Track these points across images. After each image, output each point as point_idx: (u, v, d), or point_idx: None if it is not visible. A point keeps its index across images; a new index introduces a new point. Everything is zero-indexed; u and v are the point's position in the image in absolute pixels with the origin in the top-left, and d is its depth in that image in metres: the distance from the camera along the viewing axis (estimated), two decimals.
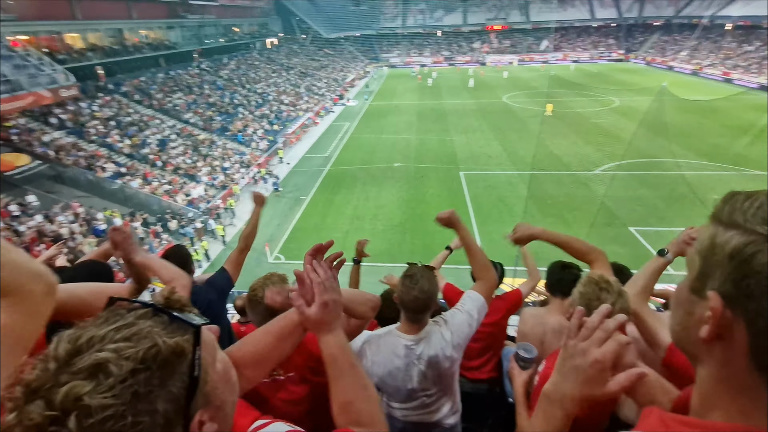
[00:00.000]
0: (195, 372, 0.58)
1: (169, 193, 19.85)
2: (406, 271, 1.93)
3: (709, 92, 35.89)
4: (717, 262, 0.55)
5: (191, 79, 34.70)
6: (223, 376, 0.69)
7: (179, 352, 0.57)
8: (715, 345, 0.56)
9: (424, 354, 1.90)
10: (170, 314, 0.61)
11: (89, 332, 0.54)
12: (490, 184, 21.03)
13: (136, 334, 0.55)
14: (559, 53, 67.06)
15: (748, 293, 0.50)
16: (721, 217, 0.56)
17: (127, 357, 0.52)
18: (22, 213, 14.97)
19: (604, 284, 1.62)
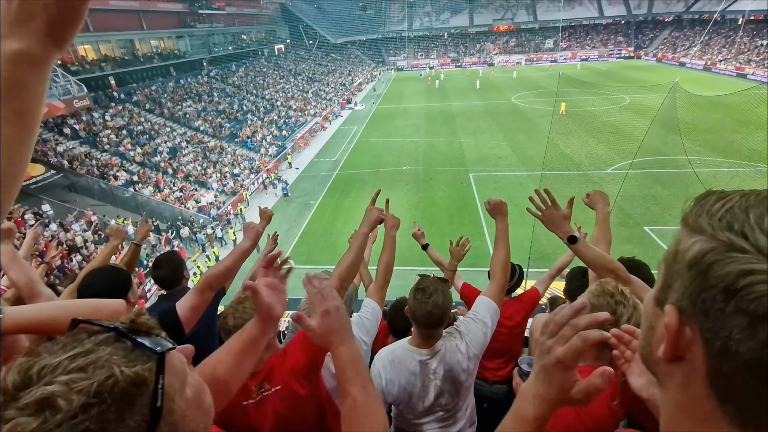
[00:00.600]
0: (158, 402, 0.53)
1: (180, 200, 20.08)
2: (417, 283, 1.84)
3: (722, 88, 35.17)
4: (677, 271, 0.49)
5: (201, 87, 35.17)
6: (194, 401, 0.63)
7: (139, 382, 0.52)
8: (675, 367, 0.49)
9: (440, 369, 1.83)
10: (133, 340, 0.56)
11: (42, 361, 0.50)
12: (500, 186, 20.85)
13: (93, 363, 0.50)
14: (568, 52, 66.52)
15: (704, 310, 0.44)
16: (688, 219, 0.50)
17: (78, 390, 0.47)
18: (37, 222, 15.25)
19: (619, 296, 1.49)
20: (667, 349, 0.49)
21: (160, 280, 2.62)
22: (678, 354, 0.48)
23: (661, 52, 60.79)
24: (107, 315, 1.18)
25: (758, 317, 0.38)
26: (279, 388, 1.69)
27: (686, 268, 0.47)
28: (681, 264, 0.48)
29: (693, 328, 0.46)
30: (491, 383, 2.78)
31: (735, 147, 22.74)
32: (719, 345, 0.42)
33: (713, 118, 28.30)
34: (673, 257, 0.50)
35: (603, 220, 2.16)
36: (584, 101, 35.76)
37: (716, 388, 0.44)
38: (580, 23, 69.88)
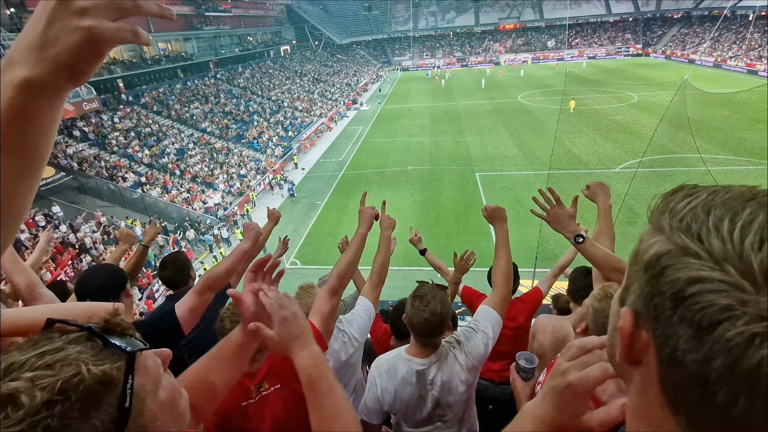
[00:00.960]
0: (126, 402, 0.52)
1: (187, 201, 20.23)
2: (415, 290, 1.80)
3: (733, 85, 34.67)
4: (636, 272, 0.46)
5: (207, 89, 35.43)
6: (167, 405, 0.62)
7: (106, 381, 0.51)
8: (634, 370, 0.47)
9: (438, 379, 1.79)
10: (104, 339, 0.56)
11: (11, 358, 0.50)
12: (507, 185, 20.73)
13: (61, 360, 0.50)
14: (575, 50, 65.99)
15: (656, 315, 0.42)
16: (653, 216, 0.47)
17: (42, 387, 0.47)
18: (47, 223, 15.46)
19: None
20: (622, 351, 0.47)
21: (166, 281, 2.65)
22: (633, 358, 0.46)
23: (670, 49, 60.05)
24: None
25: (703, 328, 0.36)
26: (278, 387, 1.70)
27: (643, 270, 0.45)
28: (639, 264, 0.46)
29: (648, 332, 0.44)
30: (497, 384, 2.75)
31: (746, 145, 22.38)
32: (668, 353, 0.40)
33: (724, 115, 27.87)
34: (634, 256, 0.48)
35: (605, 214, 2.10)
36: (592, 99, 35.44)
37: (668, 396, 0.42)
38: (587, 21, 69.27)
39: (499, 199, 19.38)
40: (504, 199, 19.35)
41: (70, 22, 0.49)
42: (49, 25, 0.49)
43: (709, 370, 0.36)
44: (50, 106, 0.52)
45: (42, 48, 0.49)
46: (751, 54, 46.68)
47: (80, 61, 0.51)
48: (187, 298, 1.81)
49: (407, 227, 2.41)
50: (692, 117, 25.03)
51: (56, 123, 0.55)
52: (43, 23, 0.49)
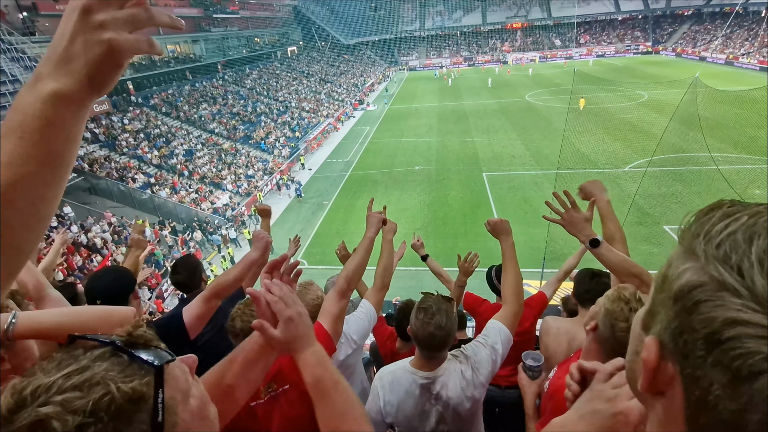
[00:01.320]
0: (158, 417, 0.52)
1: (195, 201, 20.41)
2: (420, 302, 1.76)
3: (745, 82, 34.09)
4: (663, 300, 0.42)
5: (216, 90, 35.71)
6: (198, 413, 0.62)
7: (137, 398, 0.51)
8: (656, 399, 0.44)
9: (442, 394, 1.75)
10: (130, 353, 0.55)
11: (36, 381, 0.48)
12: (515, 185, 20.60)
13: (88, 380, 0.49)
14: (583, 48, 65.39)
15: (685, 353, 0.38)
16: (684, 237, 0.42)
17: (74, 410, 0.46)
18: (59, 224, 15.69)
19: (635, 303, 1.42)
20: (644, 383, 0.44)
21: (178, 284, 2.66)
22: (656, 390, 0.43)
23: (681, 46, 59.23)
24: (117, 322, 1.18)
25: (742, 377, 0.33)
26: (287, 388, 1.70)
27: (671, 300, 0.40)
28: (667, 293, 0.41)
29: (675, 367, 0.40)
30: (503, 388, 2.73)
31: (760, 143, 21.98)
32: (698, 395, 0.37)
33: (736, 113, 27.41)
34: (661, 281, 0.43)
35: (606, 213, 1.98)
36: (600, 98, 35.09)
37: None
38: (596, 19, 68.59)
39: (507, 199, 19.27)
40: (512, 199, 19.23)
41: (91, 36, 0.52)
42: (72, 41, 0.52)
43: (745, 422, 0.33)
44: (76, 116, 0.54)
45: (67, 62, 0.52)
46: (764, 51, 45.82)
47: (102, 72, 0.54)
48: (194, 304, 1.82)
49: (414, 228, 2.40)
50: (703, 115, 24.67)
51: (81, 132, 0.58)
52: (66, 39, 0.52)
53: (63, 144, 0.54)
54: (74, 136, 0.55)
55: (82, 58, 0.52)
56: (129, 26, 0.56)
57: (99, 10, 0.53)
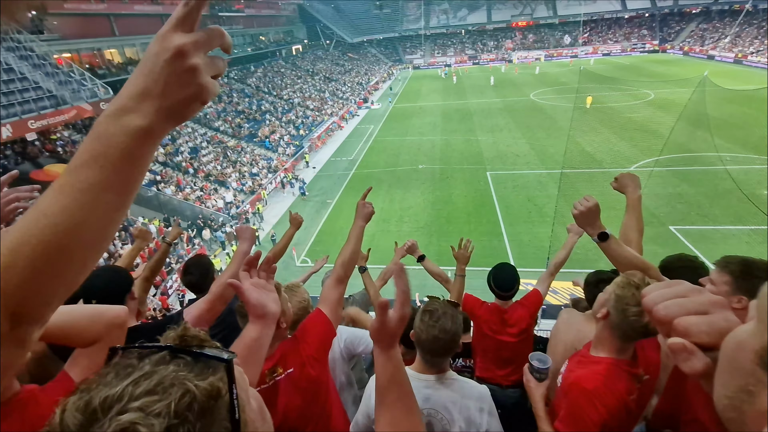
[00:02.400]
0: (236, 414, 0.49)
1: (200, 198, 20.51)
2: (425, 305, 1.72)
3: (754, 81, 33.71)
4: None
5: (221, 88, 35.80)
6: (260, 413, 0.60)
7: (215, 394, 0.48)
8: None
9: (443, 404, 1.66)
10: (192, 353, 0.52)
11: (101, 393, 0.44)
12: (519, 184, 20.52)
13: (160, 383, 0.46)
14: (589, 47, 64.91)
15: None
16: None
17: (157, 413, 0.43)
18: None
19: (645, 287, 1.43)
20: None
21: (190, 285, 2.61)
22: None
23: (688, 44, 58.62)
24: (108, 321, 1.19)
25: None
26: (291, 371, 1.72)
27: None
28: None
29: None
30: (504, 388, 2.72)
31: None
32: None
33: (745, 113, 27.14)
34: None
35: (634, 206, 2.03)
36: (606, 97, 34.86)
37: None
38: (602, 17, 68.02)
39: (511, 198, 19.20)
40: (516, 198, 19.17)
41: (184, 78, 0.56)
42: (163, 80, 0.55)
43: None
44: (154, 147, 0.59)
45: (155, 99, 0.55)
46: None
47: (191, 112, 0.59)
48: (197, 306, 1.80)
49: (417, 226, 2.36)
50: (712, 114, 24.44)
51: (152, 159, 0.62)
52: (156, 77, 0.55)
53: (138, 174, 0.58)
54: (147, 164, 0.60)
55: (171, 98, 0.56)
56: (213, 72, 0.61)
57: (193, 55, 0.56)
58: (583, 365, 1.61)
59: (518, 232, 16.35)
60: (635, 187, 2.05)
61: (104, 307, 1.24)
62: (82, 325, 1.14)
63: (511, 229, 16.61)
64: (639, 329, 1.45)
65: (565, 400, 1.59)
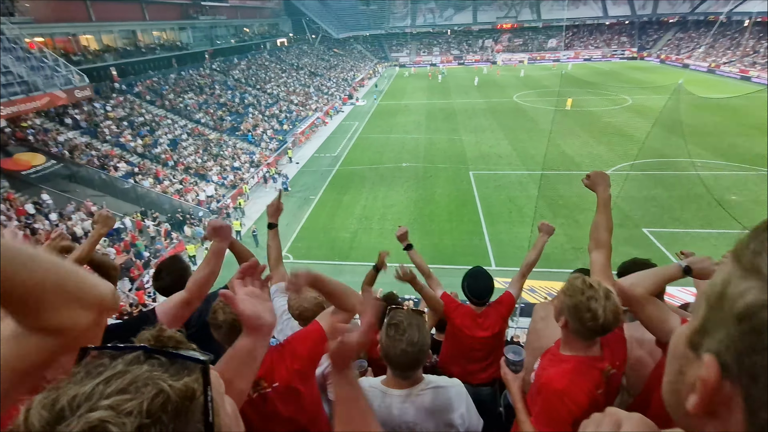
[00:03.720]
0: (209, 417, 0.48)
1: (180, 192, 20.06)
2: (389, 318, 1.61)
3: (726, 90, 35.09)
4: (722, 318, 0.40)
5: (202, 80, 35.05)
6: (234, 418, 0.60)
7: (190, 395, 0.46)
8: (707, 421, 0.42)
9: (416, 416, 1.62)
10: (168, 353, 0.51)
11: (69, 392, 0.42)
12: (500, 184, 20.83)
13: (133, 382, 0.44)
14: (571, 51, 66.27)
15: (754, 374, 0.36)
16: (741, 257, 0.40)
17: (129, 412, 0.41)
18: (37, 212, 15.26)
19: (590, 291, 1.52)
20: (699, 404, 0.41)
21: (162, 290, 2.38)
22: (711, 410, 0.41)
23: (665, 53, 60.55)
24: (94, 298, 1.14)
25: None
26: (277, 385, 1.67)
27: (735, 320, 0.38)
28: (728, 312, 0.39)
29: (735, 387, 0.38)
30: (475, 386, 2.74)
31: (737, 150, 22.71)
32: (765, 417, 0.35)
33: (715, 120, 28.24)
34: (717, 300, 0.41)
35: (604, 205, 2.09)
36: (586, 101, 35.68)
37: None
38: (584, 23, 69.54)
39: (493, 198, 19.48)
40: (497, 198, 19.46)
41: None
42: None
43: None
44: None
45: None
46: (746, 60, 47.24)
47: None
48: (171, 303, 1.70)
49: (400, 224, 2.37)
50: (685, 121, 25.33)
51: None
52: None
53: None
54: None
55: None
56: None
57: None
58: (554, 363, 1.68)
59: (499, 231, 16.61)
60: (606, 186, 2.12)
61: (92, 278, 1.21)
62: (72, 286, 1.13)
63: (492, 228, 16.86)
64: (597, 329, 1.52)
65: (538, 398, 1.66)
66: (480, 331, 2.77)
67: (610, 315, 1.49)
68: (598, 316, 1.48)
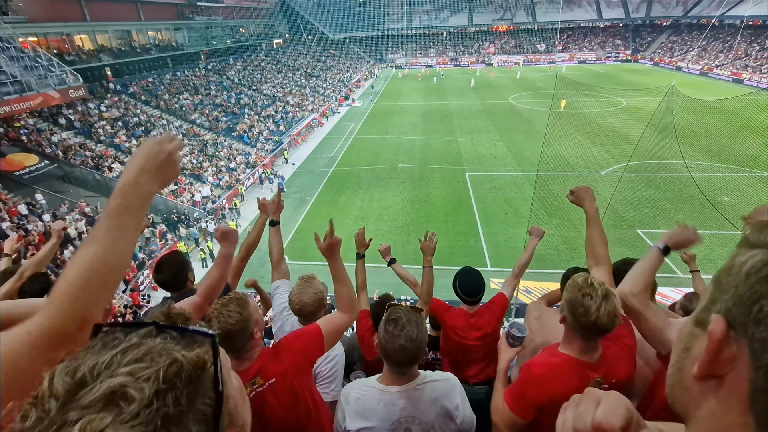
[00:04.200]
0: (219, 387, 0.51)
1: (175, 193, 19.96)
2: (388, 314, 1.63)
3: (718, 93, 35.46)
4: (729, 282, 0.45)
5: (198, 80, 34.91)
6: (240, 392, 0.63)
7: (201, 365, 0.50)
8: (709, 390, 0.44)
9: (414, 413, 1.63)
10: (178, 328, 0.54)
11: (88, 361, 0.46)
12: (496, 185, 20.92)
13: (148, 353, 0.47)
14: (566, 53, 66.71)
15: (759, 318, 0.39)
16: (749, 239, 0.46)
17: (147, 378, 0.44)
18: (30, 212, 15.13)
19: (587, 289, 1.56)
20: (705, 360, 0.44)
21: (162, 284, 2.49)
22: (716, 371, 0.43)
23: (659, 55, 61.10)
24: None
25: None
26: (273, 382, 1.67)
27: (744, 278, 0.42)
28: (736, 275, 0.44)
29: (740, 343, 0.41)
30: (472, 385, 2.74)
31: (729, 152, 22.93)
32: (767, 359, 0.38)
33: (708, 122, 28.52)
34: (726, 272, 0.46)
35: (594, 219, 2.10)
36: (581, 103, 35.92)
37: (758, 413, 0.39)
38: (579, 25, 70.03)
39: (488, 199, 19.56)
40: (493, 199, 19.54)
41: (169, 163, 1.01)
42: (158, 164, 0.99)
43: None
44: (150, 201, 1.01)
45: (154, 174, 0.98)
46: (738, 63, 47.77)
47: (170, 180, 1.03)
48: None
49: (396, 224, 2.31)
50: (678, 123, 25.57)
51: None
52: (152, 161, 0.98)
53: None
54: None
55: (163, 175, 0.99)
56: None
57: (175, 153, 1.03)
58: (546, 356, 1.74)
59: (494, 232, 16.68)
60: (592, 200, 2.12)
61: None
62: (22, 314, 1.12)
63: (487, 229, 16.92)
64: (589, 326, 1.55)
65: (520, 375, 1.75)
66: (473, 331, 2.75)
67: (605, 315, 1.50)
68: (590, 313, 1.51)
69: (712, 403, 0.44)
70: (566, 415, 0.66)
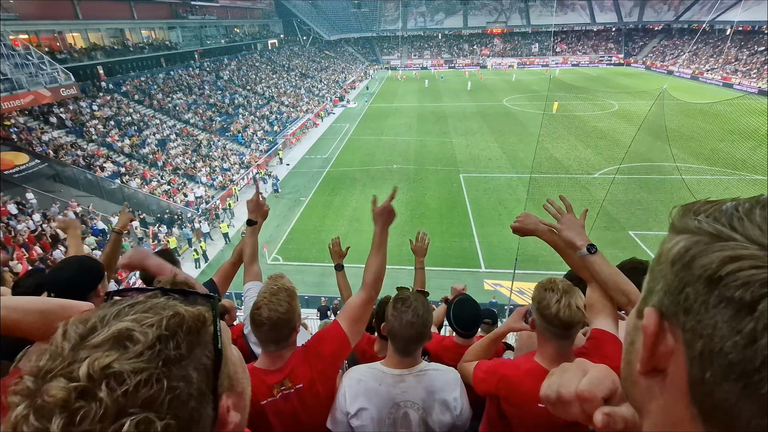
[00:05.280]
0: (218, 344, 0.55)
1: (168, 193, 19.81)
2: (396, 295, 1.73)
3: (708, 96, 35.92)
4: (659, 272, 0.44)
5: (192, 80, 34.70)
6: (239, 361, 0.66)
7: (202, 319, 0.54)
8: (655, 384, 0.44)
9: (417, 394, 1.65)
10: (182, 291, 0.59)
11: (100, 313, 0.51)
12: (490, 187, 21.02)
13: (153, 307, 0.52)
14: (559, 57, 67.28)
15: (687, 307, 0.39)
16: (675, 224, 0.45)
17: (150, 324, 0.49)
18: (20, 212, 14.94)
19: (549, 285, 1.62)
20: (644, 356, 0.43)
21: (147, 281, 2.40)
22: (656, 365, 0.43)
23: (650, 59, 61.82)
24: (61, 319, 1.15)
25: (744, 306, 0.34)
26: (300, 387, 1.66)
27: (669, 265, 0.42)
28: (664, 263, 0.43)
29: (675, 334, 0.40)
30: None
31: (719, 155, 23.26)
32: (701, 346, 0.37)
33: (698, 125, 28.91)
34: (656, 261, 0.46)
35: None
36: (574, 106, 36.21)
37: (699, 405, 0.38)
38: (572, 29, 70.65)
39: (483, 200, 19.65)
40: (487, 200, 19.63)
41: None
42: None
43: (753, 354, 0.33)
44: None
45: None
46: (728, 67, 48.47)
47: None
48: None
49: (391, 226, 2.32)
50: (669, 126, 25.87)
51: None
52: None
53: None
54: None
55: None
56: None
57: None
58: (522, 360, 1.79)
59: (488, 233, 16.76)
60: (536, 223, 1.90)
61: (61, 304, 1.17)
62: (30, 320, 1.09)
63: (481, 230, 17.00)
64: (553, 321, 1.57)
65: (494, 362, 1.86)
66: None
67: (566, 309, 1.54)
68: (551, 305, 1.56)
69: (657, 397, 0.44)
70: (552, 380, 0.68)
